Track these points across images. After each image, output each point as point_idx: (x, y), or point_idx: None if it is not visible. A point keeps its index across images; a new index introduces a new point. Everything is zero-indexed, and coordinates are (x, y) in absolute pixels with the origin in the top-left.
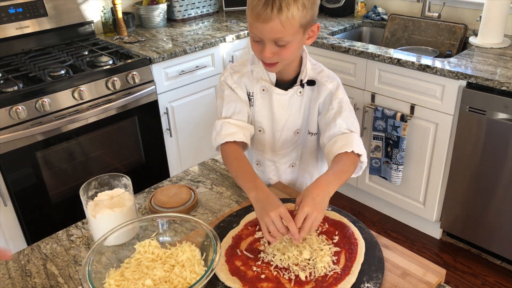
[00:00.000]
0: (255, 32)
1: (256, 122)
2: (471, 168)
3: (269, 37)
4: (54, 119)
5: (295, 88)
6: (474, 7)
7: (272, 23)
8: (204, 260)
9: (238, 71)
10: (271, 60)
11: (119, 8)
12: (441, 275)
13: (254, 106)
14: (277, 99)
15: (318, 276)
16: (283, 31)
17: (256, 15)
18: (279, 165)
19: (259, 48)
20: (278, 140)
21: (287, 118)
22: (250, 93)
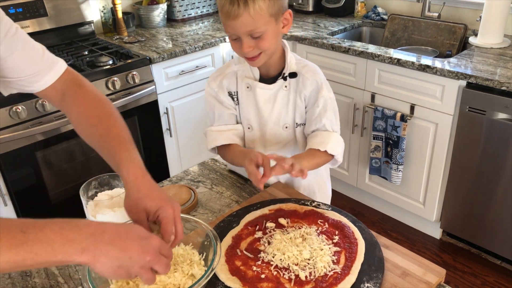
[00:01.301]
0: (229, 30)
1: (244, 120)
2: (471, 168)
3: (243, 31)
4: (54, 119)
5: (279, 83)
6: (474, 7)
7: (241, 18)
8: (204, 260)
9: (220, 74)
10: (252, 53)
11: (119, 8)
12: (441, 275)
13: (240, 104)
14: (261, 94)
15: (318, 276)
16: (254, 23)
17: (226, 14)
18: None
19: (238, 46)
20: (267, 135)
21: (272, 112)
22: (234, 92)
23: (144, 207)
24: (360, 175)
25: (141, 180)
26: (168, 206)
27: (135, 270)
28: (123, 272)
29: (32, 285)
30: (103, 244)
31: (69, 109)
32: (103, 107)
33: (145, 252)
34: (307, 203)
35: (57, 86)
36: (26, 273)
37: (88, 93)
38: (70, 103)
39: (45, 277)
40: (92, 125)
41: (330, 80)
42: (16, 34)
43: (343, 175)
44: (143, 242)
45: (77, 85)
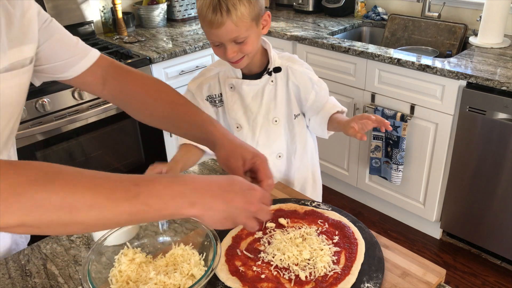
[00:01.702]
0: (213, 38)
1: (231, 120)
2: (471, 168)
3: (227, 38)
4: (54, 119)
5: (265, 78)
6: (474, 7)
7: (225, 26)
8: (204, 260)
9: (201, 77)
10: (236, 58)
11: (119, 8)
12: (441, 275)
13: (226, 105)
14: (247, 90)
15: (318, 276)
16: (237, 30)
17: (209, 23)
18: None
19: (221, 51)
20: (257, 131)
21: (261, 107)
22: (216, 95)
23: (240, 154)
24: (360, 175)
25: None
26: (261, 156)
27: (240, 220)
28: (229, 223)
29: (32, 285)
30: (209, 198)
31: (116, 90)
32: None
33: (249, 203)
34: (307, 203)
35: (97, 71)
36: (26, 273)
37: (132, 70)
38: (116, 84)
39: (45, 277)
40: (154, 99)
41: (330, 80)
42: (52, 23)
43: (343, 175)
44: (246, 193)
45: (117, 66)
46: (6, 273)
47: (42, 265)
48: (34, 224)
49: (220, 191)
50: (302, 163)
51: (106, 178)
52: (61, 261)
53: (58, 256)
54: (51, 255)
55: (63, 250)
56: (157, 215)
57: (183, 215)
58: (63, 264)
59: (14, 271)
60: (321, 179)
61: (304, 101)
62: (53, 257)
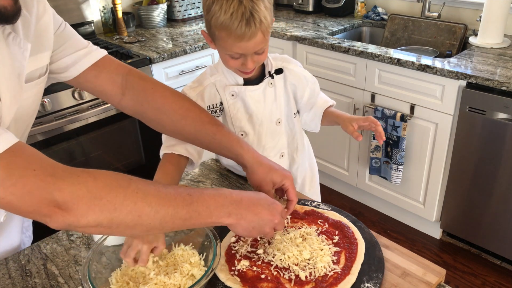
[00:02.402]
0: (237, 51)
1: (235, 128)
2: (471, 168)
3: (253, 50)
4: (54, 119)
5: (265, 81)
6: (474, 7)
7: (256, 37)
8: (204, 260)
9: (198, 86)
10: (252, 68)
11: (119, 8)
12: (441, 275)
13: (228, 114)
14: (251, 96)
15: (318, 276)
16: (264, 40)
17: (240, 36)
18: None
19: (238, 63)
20: (263, 135)
21: (264, 110)
22: (216, 104)
23: (270, 179)
24: (360, 175)
25: (258, 156)
26: (289, 177)
27: (264, 230)
28: (255, 232)
29: (32, 285)
30: (243, 210)
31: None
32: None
33: (273, 215)
34: (307, 203)
35: (116, 79)
36: (26, 273)
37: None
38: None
39: (45, 277)
40: (181, 116)
41: (330, 80)
42: (66, 28)
43: (343, 175)
44: (271, 208)
45: (137, 76)
46: (6, 273)
47: (42, 265)
48: (108, 225)
49: (250, 204)
50: (302, 159)
51: (166, 187)
52: (61, 261)
53: (58, 256)
54: (51, 255)
55: (63, 250)
56: (203, 222)
57: (221, 223)
58: (63, 264)
59: (14, 271)
60: (318, 173)
61: (300, 99)
62: (53, 257)
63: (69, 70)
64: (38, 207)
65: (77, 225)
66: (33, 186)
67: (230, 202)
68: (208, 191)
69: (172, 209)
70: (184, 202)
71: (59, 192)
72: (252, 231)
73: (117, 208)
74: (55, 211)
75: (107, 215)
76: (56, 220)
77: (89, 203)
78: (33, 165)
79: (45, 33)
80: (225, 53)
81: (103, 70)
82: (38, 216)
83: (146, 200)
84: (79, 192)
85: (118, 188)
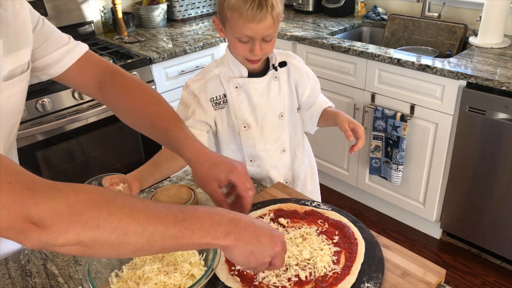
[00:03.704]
0: (246, 33)
1: (238, 120)
2: (471, 168)
3: (262, 34)
4: (54, 119)
5: (270, 74)
6: (474, 7)
7: (266, 21)
8: (204, 260)
9: (201, 78)
10: (259, 56)
11: (119, 8)
12: (441, 275)
13: (232, 106)
14: (255, 89)
15: (318, 276)
16: (273, 27)
17: (251, 17)
18: (272, 152)
19: (246, 48)
20: (266, 128)
21: (268, 104)
22: (220, 96)
23: (214, 176)
24: (360, 175)
25: (201, 153)
26: (235, 167)
27: (263, 257)
28: (253, 259)
29: (32, 285)
30: (241, 229)
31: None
32: (146, 91)
33: (274, 243)
34: (307, 203)
35: (92, 75)
36: (26, 273)
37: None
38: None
39: (45, 277)
40: (139, 109)
41: (330, 80)
42: (45, 25)
43: (343, 175)
44: (273, 235)
45: (112, 72)
46: (6, 273)
47: (42, 265)
48: (89, 243)
49: (250, 225)
50: (303, 155)
51: (156, 204)
52: (61, 261)
53: (58, 256)
54: (51, 255)
55: None
56: (197, 242)
57: (216, 245)
58: (63, 264)
59: (14, 271)
60: (317, 172)
61: (301, 95)
62: (53, 257)
63: (53, 68)
64: (12, 223)
65: (55, 244)
66: (7, 200)
67: (228, 221)
68: (202, 209)
69: (162, 227)
70: (176, 219)
71: (36, 207)
72: (250, 256)
73: (100, 225)
74: (30, 228)
75: (89, 232)
76: (31, 238)
77: (69, 219)
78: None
79: (23, 29)
80: (234, 36)
81: (84, 67)
82: (13, 233)
83: (133, 217)
84: (59, 207)
85: (103, 203)
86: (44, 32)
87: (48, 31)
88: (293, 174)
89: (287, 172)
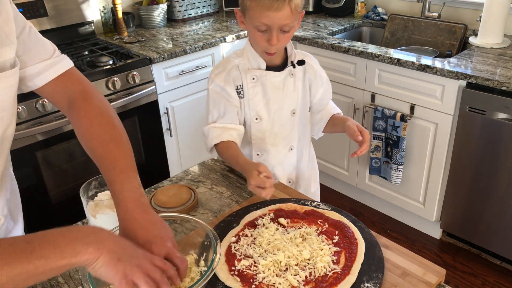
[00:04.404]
0: (264, 21)
1: (251, 112)
2: (471, 168)
3: (279, 24)
4: (54, 119)
5: (287, 70)
6: (474, 7)
7: (283, 10)
8: (204, 260)
9: (223, 70)
10: (276, 47)
11: (119, 8)
12: (441, 275)
13: (246, 97)
14: (271, 82)
15: (318, 276)
16: (291, 17)
17: (268, 5)
18: (280, 149)
19: (264, 38)
20: (276, 123)
21: (282, 99)
22: (239, 86)
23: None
24: (360, 175)
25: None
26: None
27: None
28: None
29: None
30: (104, 238)
31: (74, 122)
32: (105, 130)
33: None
34: (307, 203)
35: (65, 94)
36: None
37: (93, 109)
38: (75, 116)
39: None
40: (92, 149)
41: (330, 80)
42: (31, 33)
43: (343, 175)
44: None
45: (83, 98)
46: None
47: None
48: None
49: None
50: (309, 156)
51: None
52: None
53: None
54: None
55: None
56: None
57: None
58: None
59: None
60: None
61: (312, 96)
62: None
63: (33, 81)
64: None
65: None
66: None
67: (87, 233)
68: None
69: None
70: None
71: None
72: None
73: None
74: None
75: None
76: None
77: None
78: None
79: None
80: (253, 25)
81: (61, 84)
82: None
83: None
84: None
85: None
86: (29, 41)
87: (32, 41)
88: (297, 174)
89: (292, 172)
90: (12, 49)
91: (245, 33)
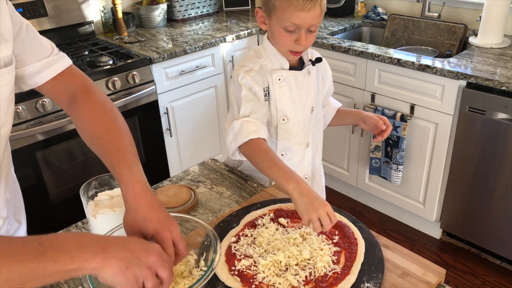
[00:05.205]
0: (295, 21)
1: (278, 112)
2: (471, 168)
3: (309, 24)
4: (54, 119)
5: (306, 68)
6: (474, 7)
7: (314, 10)
8: (204, 260)
9: (251, 69)
10: (305, 46)
11: (119, 8)
12: (441, 275)
13: (273, 98)
14: (296, 81)
15: (318, 276)
16: (319, 17)
17: (301, 6)
18: (301, 146)
19: (291, 38)
20: (301, 121)
21: (306, 98)
22: (266, 87)
23: (139, 229)
24: (360, 175)
25: (139, 198)
26: (164, 230)
27: (142, 272)
28: (131, 275)
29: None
30: (111, 247)
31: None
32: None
33: (149, 253)
34: None
35: (66, 89)
36: None
37: (95, 102)
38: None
39: None
40: (96, 138)
41: None
42: (28, 31)
43: (343, 175)
44: (146, 246)
45: (85, 91)
46: None
47: None
48: None
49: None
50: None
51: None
52: None
53: None
54: None
55: None
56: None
57: (86, 268)
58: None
59: None
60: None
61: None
62: None
63: (33, 79)
64: None
65: None
66: None
67: (96, 241)
68: (67, 234)
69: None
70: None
71: None
72: (127, 272)
73: None
74: None
75: None
76: None
77: None
78: None
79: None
80: (281, 25)
81: (61, 80)
82: None
83: None
84: None
85: None
86: (26, 40)
87: (30, 40)
88: (313, 169)
89: (308, 167)
90: (8, 47)
91: (245, 33)
